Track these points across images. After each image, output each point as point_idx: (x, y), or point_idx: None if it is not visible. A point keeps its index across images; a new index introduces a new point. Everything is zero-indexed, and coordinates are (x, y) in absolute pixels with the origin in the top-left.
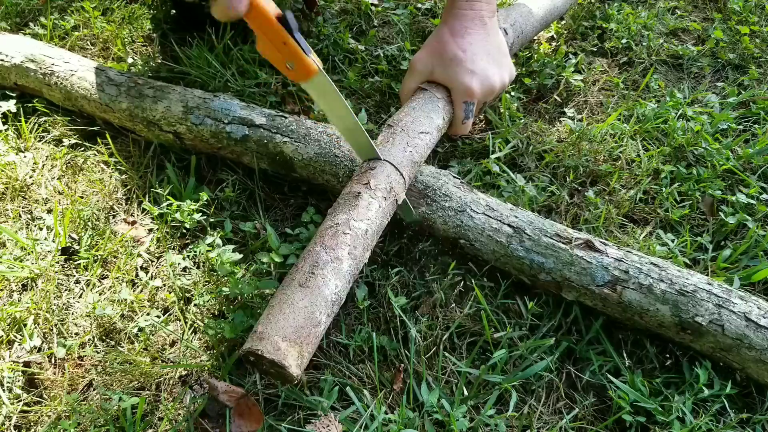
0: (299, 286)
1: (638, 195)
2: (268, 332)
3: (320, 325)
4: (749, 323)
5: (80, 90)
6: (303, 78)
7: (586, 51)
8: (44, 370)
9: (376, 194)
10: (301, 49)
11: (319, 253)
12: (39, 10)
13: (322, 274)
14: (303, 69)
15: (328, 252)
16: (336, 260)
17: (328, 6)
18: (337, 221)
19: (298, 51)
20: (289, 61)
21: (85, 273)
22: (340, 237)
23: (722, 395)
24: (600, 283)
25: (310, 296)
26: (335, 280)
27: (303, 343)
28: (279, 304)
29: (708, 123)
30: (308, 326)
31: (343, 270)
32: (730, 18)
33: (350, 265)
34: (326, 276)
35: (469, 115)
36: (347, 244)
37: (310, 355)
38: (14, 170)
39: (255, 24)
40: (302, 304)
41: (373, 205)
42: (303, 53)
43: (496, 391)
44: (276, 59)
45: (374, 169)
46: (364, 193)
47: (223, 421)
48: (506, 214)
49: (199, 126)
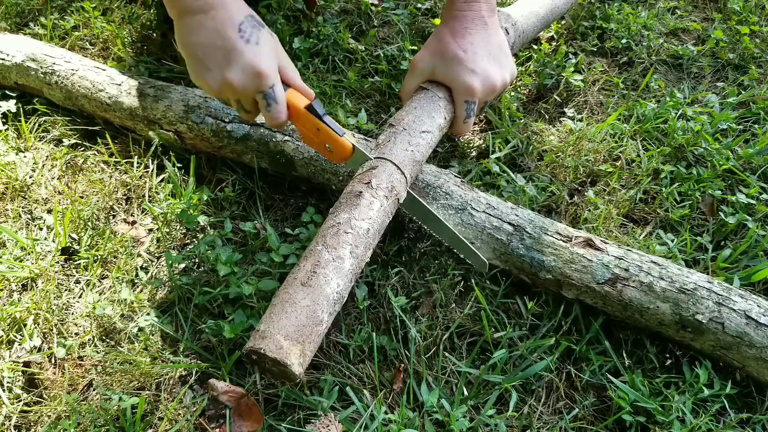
0: (301, 285)
1: (638, 195)
2: (270, 331)
3: (322, 324)
4: (749, 321)
5: (81, 89)
6: (342, 158)
7: (586, 51)
8: (44, 370)
9: (377, 193)
10: (334, 131)
11: (321, 252)
12: (39, 10)
13: (323, 273)
14: (339, 149)
15: (330, 251)
16: (338, 259)
17: (328, 6)
18: (339, 220)
19: (331, 134)
20: (327, 144)
21: (85, 273)
22: (341, 236)
23: (722, 395)
24: (600, 281)
25: (312, 295)
26: (337, 279)
27: (305, 341)
28: (281, 303)
29: (708, 123)
30: (310, 325)
31: (344, 269)
32: (730, 18)
33: (352, 264)
34: (328, 275)
35: (471, 115)
36: (349, 243)
37: (312, 354)
38: (14, 170)
39: (293, 119)
40: (304, 302)
41: (375, 204)
42: (336, 135)
43: (496, 391)
44: (317, 145)
45: (376, 168)
46: (365, 192)
47: (223, 421)
48: (507, 212)
49: (200, 125)
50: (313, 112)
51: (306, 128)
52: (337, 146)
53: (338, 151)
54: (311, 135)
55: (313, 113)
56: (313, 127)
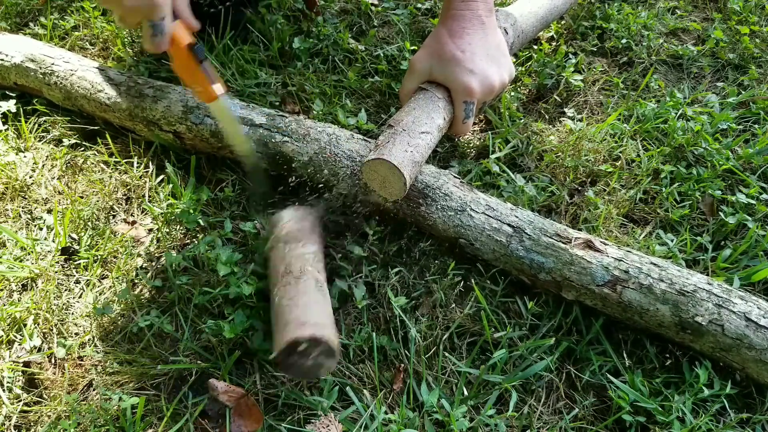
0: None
1: (638, 195)
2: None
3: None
4: (749, 323)
5: (80, 89)
6: (207, 100)
7: (586, 51)
8: (44, 370)
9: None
10: (208, 78)
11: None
12: (39, 10)
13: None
14: (206, 94)
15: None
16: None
17: (328, 6)
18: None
19: (204, 79)
20: (197, 86)
21: (85, 273)
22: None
23: (722, 395)
24: (600, 283)
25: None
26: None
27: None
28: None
29: (708, 123)
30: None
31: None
32: (730, 18)
33: None
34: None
35: (470, 115)
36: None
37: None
38: (14, 170)
39: (172, 50)
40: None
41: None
42: (208, 82)
43: (496, 391)
44: (188, 77)
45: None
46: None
47: (223, 421)
48: (506, 213)
49: (199, 125)
50: (193, 54)
51: (182, 63)
52: (206, 92)
53: (205, 95)
54: (185, 69)
55: (193, 55)
56: (190, 64)
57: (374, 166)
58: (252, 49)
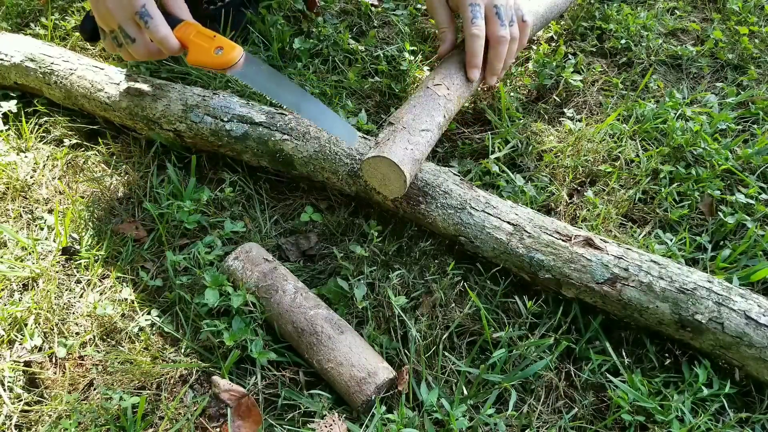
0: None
1: (637, 195)
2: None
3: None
4: (749, 321)
5: (80, 89)
6: (228, 61)
7: (586, 51)
8: (45, 370)
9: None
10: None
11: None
12: (40, 10)
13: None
14: (229, 51)
15: None
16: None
17: (328, 6)
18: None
19: (224, 39)
20: (217, 47)
21: (86, 273)
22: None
23: (721, 394)
24: (600, 281)
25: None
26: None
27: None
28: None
29: (707, 123)
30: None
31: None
32: (729, 18)
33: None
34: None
35: (477, 16)
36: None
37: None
38: (15, 170)
39: (183, 33)
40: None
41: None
42: (229, 40)
43: (496, 390)
44: (206, 54)
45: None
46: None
47: (224, 421)
48: (506, 211)
49: (199, 124)
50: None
51: (198, 38)
52: (228, 48)
53: (227, 53)
54: (201, 50)
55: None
56: (207, 34)
57: (374, 164)
58: (252, 49)
